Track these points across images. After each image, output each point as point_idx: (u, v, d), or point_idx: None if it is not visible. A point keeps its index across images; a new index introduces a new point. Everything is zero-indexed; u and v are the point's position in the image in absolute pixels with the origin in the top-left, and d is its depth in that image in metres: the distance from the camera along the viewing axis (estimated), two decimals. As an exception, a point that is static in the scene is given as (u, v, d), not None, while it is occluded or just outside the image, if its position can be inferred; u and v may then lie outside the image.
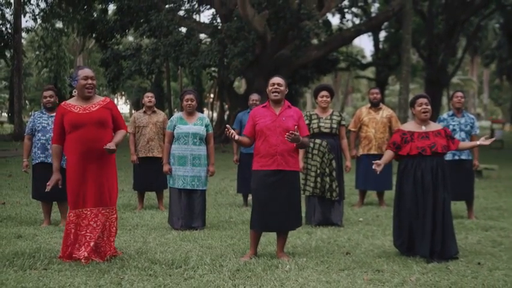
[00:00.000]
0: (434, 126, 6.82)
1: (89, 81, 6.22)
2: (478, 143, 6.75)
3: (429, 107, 6.76)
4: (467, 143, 7.05)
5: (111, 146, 6.07)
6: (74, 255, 6.16)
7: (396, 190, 6.85)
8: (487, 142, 6.66)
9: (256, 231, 6.53)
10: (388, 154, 6.90)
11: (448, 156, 8.87)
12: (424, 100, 6.76)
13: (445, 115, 9.52)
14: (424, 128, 6.73)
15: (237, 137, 6.35)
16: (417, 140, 6.65)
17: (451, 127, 9.15)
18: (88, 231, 6.18)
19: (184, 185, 8.17)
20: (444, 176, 6.62)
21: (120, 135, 6.39)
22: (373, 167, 6.76)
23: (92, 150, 6.13)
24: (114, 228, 6.40)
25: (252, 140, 6.56)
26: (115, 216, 6.40)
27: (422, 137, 6.66)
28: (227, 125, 6.46)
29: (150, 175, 9.69)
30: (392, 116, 10.51)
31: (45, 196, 8.38)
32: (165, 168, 8.29)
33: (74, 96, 6.39)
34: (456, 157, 9.17)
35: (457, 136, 8.96)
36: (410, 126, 6.87)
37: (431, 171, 6.57)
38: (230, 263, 6.17)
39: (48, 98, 8.36)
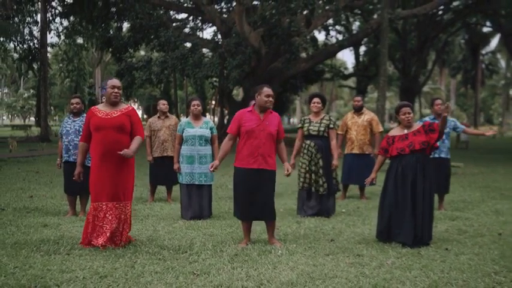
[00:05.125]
0: (415, 126, 6.84)
1: (115, 90, 6.31)
2: (486, 134, 6.78)
3: (411, 114, 6.83)
4: (471, 130, 7.06)
5: (126, 152, 6.09)
6: (92, 243, 6.18)
7: (383, 186, 6.86)
8: (445, 110, 6.45)
9: (244, 221, 6.54)
10: (379, 160, 6.97)
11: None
12: (408, 109, 6.80)
13: (427, 118, 9.44)
14: (405, 131, 6.77)
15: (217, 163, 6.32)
16: (397, 142, 6.70)
17: None
18: (105, 222, 6.19)
19: (193, 181, 8.22)
20: (424, 170, 6.61)
21: (136, 142, 6.30)
22: (366, 183, 6.97)
23: (110, 151, 6.14)
24: (129, 221, 6.40)
25: (234, 139, 6.50)
26: (130, 210, 6.40)
27: (402, 139, 6.70)
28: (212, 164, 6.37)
29: (163, 171, 9.76)
30: (373, 119, 10.50)
31: (74, 190, 8.40)
32: (175, 166, 8.33)
33: (102, 102, 6.44)
34: (436, 155, 9.11)
35: None
36: (395, 131, 6.91)
37: (411, 167, 6.59)
38: (229, 248, 6.18)
39: (75, 105, 8.41)
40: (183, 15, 31.94)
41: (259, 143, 6.33)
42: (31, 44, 33.65)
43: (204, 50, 28.92)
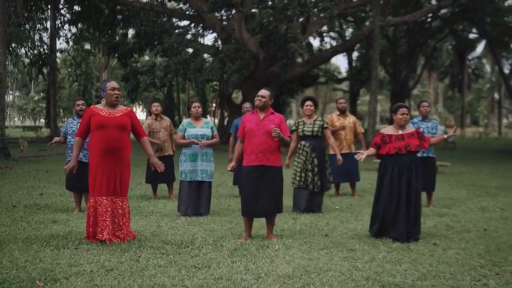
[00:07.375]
0: (409, 129, 6.82)
1: (116, 91, 6.29)
2: (445, 136, 6.85)
3: (408, 116, 6.81)
4: (436, 138, 7.13)
5: (158, 164, 6.48)
6: (97, 237, 6.15)
7: (377, 184, 6.84)
8: (451, 133, 6.82)
9: (247, 218, 6.55)
10: (371, 150, 6.87)
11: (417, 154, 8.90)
12: (405, 110, 6.78)
13: (415, 119, 9.49)
14: (400, 132, 6.75)
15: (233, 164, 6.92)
16: (394, 141, 6.67)
17: (420, 130, 9.18)
18: (107, 216, 6.17)
19: (196, 177, 8.22)
20: (417, 170, 6.63)
21: (148, 145, 6.54)
22: (356, 156, 6.79)
23: (111, 148, 6.14)
24: (128, 215, 6.39)
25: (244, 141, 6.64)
26: (127, 204, 6.38)
27: (398, 139, 6.68)
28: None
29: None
30: (356, 121, 10.69)
31: (76, 187, 8.37)
32: (194, 141, 8.17)
33: (101, 103, 6.41)
34: (425, 155, 9.13)
35: None
36: (389, 130, 6.86)
37: (406, 167, 6.58)
38: (229, 243, 6.17)
39: (81, 106, 8.40)
40: (185, 23, 31.95)
41: (259, 140, 6.40)
42: (41, 49, 33.70)
43: (205, 55, 28.93)
